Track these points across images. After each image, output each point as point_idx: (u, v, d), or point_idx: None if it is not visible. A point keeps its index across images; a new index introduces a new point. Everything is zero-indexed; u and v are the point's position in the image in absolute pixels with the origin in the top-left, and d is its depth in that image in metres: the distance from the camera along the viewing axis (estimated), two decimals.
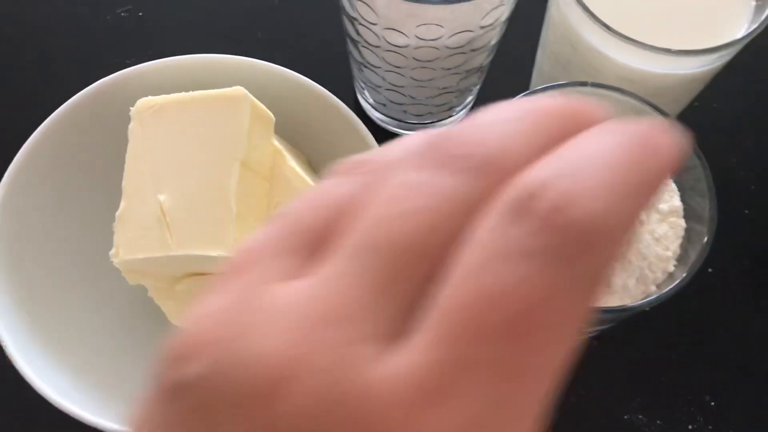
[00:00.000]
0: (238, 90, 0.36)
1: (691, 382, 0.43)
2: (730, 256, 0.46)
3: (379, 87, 0.45)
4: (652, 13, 0.37)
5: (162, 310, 0.38)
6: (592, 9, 0.34)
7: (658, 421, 0.41)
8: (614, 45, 0.34)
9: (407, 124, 0.49)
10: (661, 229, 0.31)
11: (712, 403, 0.42)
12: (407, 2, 0.35)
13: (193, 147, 0.36)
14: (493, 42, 0.41)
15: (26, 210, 0.39)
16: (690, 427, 0.41)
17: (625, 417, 0.41)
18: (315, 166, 0.44)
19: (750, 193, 0.48)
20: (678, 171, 0.32)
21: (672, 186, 0.33)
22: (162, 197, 0.35)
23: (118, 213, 0.36)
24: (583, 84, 0.33)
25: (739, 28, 0.36)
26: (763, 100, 0.51)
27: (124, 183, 0.36)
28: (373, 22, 0.38)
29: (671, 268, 0.31)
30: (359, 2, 0.37)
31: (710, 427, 0.41)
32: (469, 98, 0.48)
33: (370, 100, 0.49)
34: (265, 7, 0.53)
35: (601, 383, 0.42)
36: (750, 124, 0.50)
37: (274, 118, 0.38)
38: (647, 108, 0.32)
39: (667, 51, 0.33)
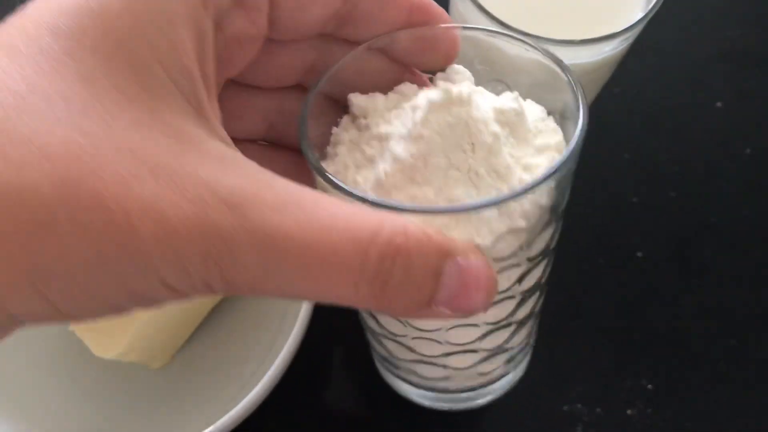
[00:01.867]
0: None
1: (628, 368, 0.43)
2: (658, 239, 0.46)
3: None
4: (548, 5, 0.37)
5: (85, 344, 0.38)
6: (486, 4, 0.34)
7: (598, 409, 0.41)
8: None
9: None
10: (535, 160, 0.26)
11: (650, 387, 0.42)
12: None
13: None
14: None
15: None
16: (629, 412, 0.41)
17: (565, 408, 0.41)
18: None
19: (674, 174, 0.49)
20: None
21: (554, 126, 0.28)
22: None
23: None
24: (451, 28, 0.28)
25: (637, 12, 0.37)
26: (679, 81, 0.52)
27: None
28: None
29: (543, 201, 0.25)
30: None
31: (649, 410, 0.42)
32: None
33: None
34: None
35: (538, 375, 0.42)
36: (669, 106, 0.51)
37: None
38: (535, 55, 0.28)
39: (565, 42, 0.33)
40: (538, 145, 0.26)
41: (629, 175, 0.48)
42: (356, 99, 0.27)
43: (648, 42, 0.37)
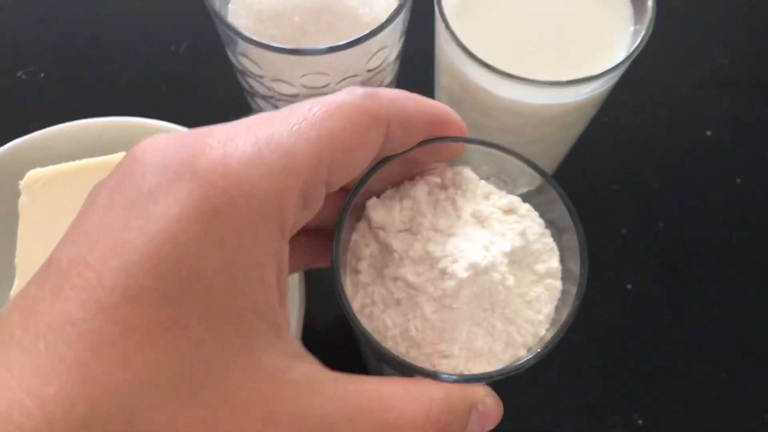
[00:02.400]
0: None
1: (619, 402, 0.43)
2: (648, 271, 0.46)
3: None
4: (535, 45, 0.37)
5: None
6: (473, 46, 0.34)
7: None
8: (498, 82, 0.34)
9: None
10: (535, 291, 0.31)
11: (640, 422, 0.42)
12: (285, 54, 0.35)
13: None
14: (387, 80, 0.41)
15: None
16: None
17: None
18: None
19: (663, 204, 0.48)
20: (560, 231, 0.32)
21: (552, 246, 0.33)
22: None
23: (11, 292, 0.35)
24: (457, 140, 0.33)
25: (621, 51, 0.37)
26: (669, 109, 0.52)
27: (17, 260, 0.36)
28: (259, 74, 0.37)
29: (542, 332, 0.31)
30: (243, 57, 0.37)
31: None
32: None
33: None
34: (166, 63, 0.53)
35: (528, 407, 0.42)
36: (658, 135, 0.51)
37: None
38: (526, 167, 0.32)
39: (551, 83, 0.33)
40: (537, 271, 0.31)
41: (618, 206, 0.48)
42: (375, 213, 0.31)
43: (636, 70, 0.37)
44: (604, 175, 0.49)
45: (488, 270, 0.29)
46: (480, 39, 0.35)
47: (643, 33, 0.35)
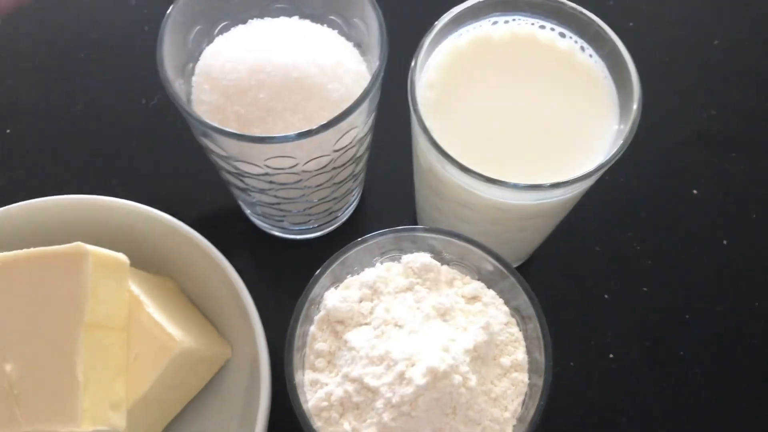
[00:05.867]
0: (78, 246, 0.34)
1: None
2: (630, 339, 0.45)
3: (252, 204, 0.43)
4: (515, 143, 0.35)
5: None
6: (450, 143, 0.32)
7: None
8: (478, 184, 0.32)
9: (290, 231, 0.47)
10: (501, 387, 0.30)
11: None
12: (247, 142, 0.33)
13: (35, 311, 0.34)
14: (360, 153, 0.40)
15: None
16: None
17: None
18: (185, 289, 0.42)
19: (647, 268, 0.47)
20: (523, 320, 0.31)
21: (517, 336, 0.31)
22: (8, 367, 0.33)
23: None
24: (425, 229, 0.32)
25: (603, 149, 0.35)
26: (654, 168, 0.50)
27: None
28: (224, 155, 0.36)
29: (509, 431, 0.29)
30: (205, 138, 0.35)
31: None
32: (351, 199, 0.47)
33: (248, 211, 0.47)
34: (125, 143, 0.51)
35: None
36: (643, 195, 0.49)
37: (127, 262, 0.36)
38: (491, 259, 0.32)
39: (534, 187, 0.31)
40: (502, 365, 0.31)
41: (600, 270, 0.47)
42: (333, 306, 0.31)
43: None
44: (586, 235, 0.48)
45: (448, 374, 0.28)
46: (457, 136, 0.34)
47: (626, 134, 0.33)
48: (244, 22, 0.39)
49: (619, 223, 0.48)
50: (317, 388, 0.30)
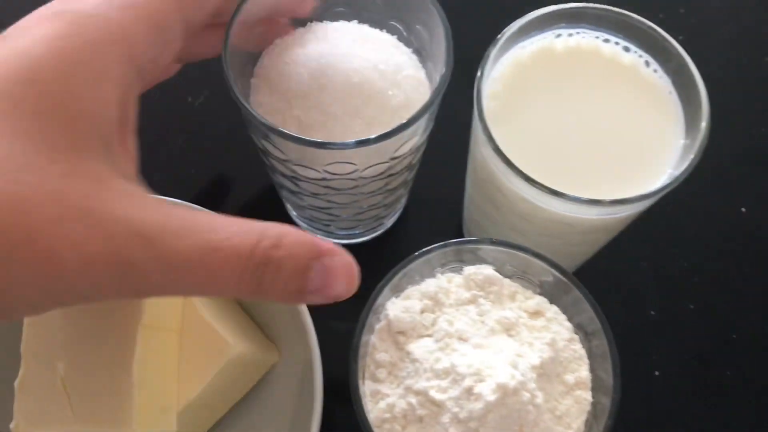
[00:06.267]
0: None
1: None
2: (676, 357, 0.44)
3: (302, 208, 0.43)
4: (578, 156, 0.34)
5: None
6: (512, 153, 0.32)
7: None
8: (541, 196, 0.32)
9: (336, 236, 0.47)
10: (565, 404, 0.30)
11: None
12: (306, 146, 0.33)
13: (90, 309, 0.33)
14: (414, 161, 0.40)
15: None
16: None
17: None
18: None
19: (694, 285, 0.46)
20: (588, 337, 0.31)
21: (581, 353, 0.31)
22: (61, 365, 0.33)
23: (17, 382, 0.34)
24: (491, 241, 0.32)
25: (668, 164, 0.34)
26: (703, 185, 0.50)
27: (22, 348, 0.34)
28: (283, 158, 0.36)
29: None
30: (265, 141, 0.35)
31: None
32: (399, 206, 0.46)
33: (294, 213, 0.47)
34: (172, 140, 0.51)
35: None
36: (690, 212, 0.49)
37: None
38: (552, 269, 0.31)
39: (596, 202, 0.31)
40: (566, 382, 0.30)
41: (646, 286, 0.46)
42: (395, 315, 0.31)
43: None
44: (631, 251, 0.47)
45: (517, 390, 0.28)
46: (519, 147, 0.33)
47: (694, 153, 0.33)
48: (303, 24, 0.39)
49: (665, 239, 0.48)
50: (378, 399, 0.30)
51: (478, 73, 0.34)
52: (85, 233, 0.22)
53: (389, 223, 0.47)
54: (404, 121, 0.32)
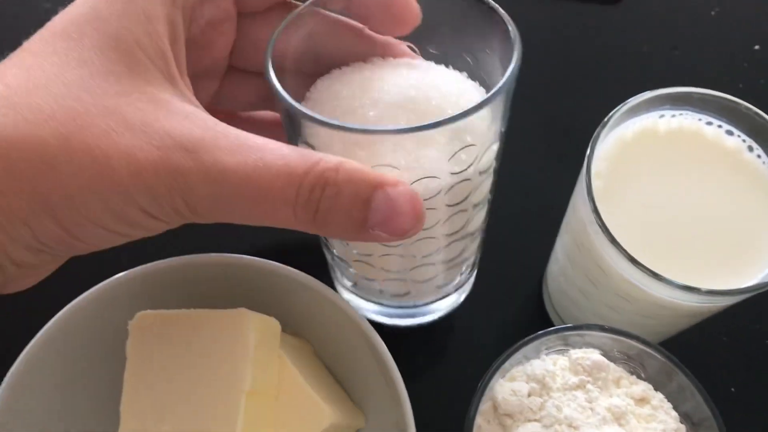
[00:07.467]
0: (242, 312, 0.34)
1: None
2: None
3: (346, 265, 0.39)
4: (682, 240, 0.34)
5: None
6: (614, 230, 0.32)
7: None
8: (643, 278, 0.32)
9: (387, 311, 0.43)
10: None
11: None
12: (345, 132, 0.26)
13: (196, 373, 0.34)
14: (477, 199, 0.34)
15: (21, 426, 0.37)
16: None
17: None
18: (318, 350, 0.42)
19: None
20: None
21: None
22: (165, 428, 0.33)
23: None
24: (601, 328, 0.32)
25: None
26: None
27: (122, 407, 0.34)
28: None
29: None
30: (306, 146, 0.30)
31: None
32: (458, 278, 0.42)
33: (346, 283, 0.43)
34: None
35: None
36: None
37: (279, 326, 0.36)
38: (660, 357, 0.31)
39: (698, 291, 0.31)
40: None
41: (727, 361, 0.46)
42: (502, 397, 0.30)
43: None
44: (713, 325, 0.47)
45: None
46: (621, 227, 0.33)
47: None
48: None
49: (747, 314, 0.47)
50: None
51: (588, 151, 0.34)
52: (136, 143, 0.23)
53: (449, 299, 0.44)
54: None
